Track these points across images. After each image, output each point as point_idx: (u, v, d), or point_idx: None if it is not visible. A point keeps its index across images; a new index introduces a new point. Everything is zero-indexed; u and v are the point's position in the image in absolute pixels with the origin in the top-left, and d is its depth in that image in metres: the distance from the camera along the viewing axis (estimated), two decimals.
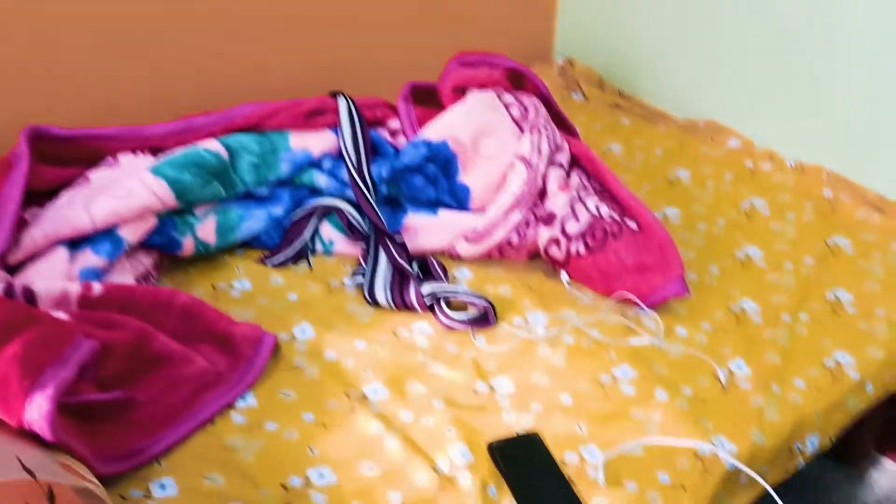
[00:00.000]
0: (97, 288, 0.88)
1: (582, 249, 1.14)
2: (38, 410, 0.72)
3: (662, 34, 1.62)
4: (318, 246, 1.22)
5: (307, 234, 1.20)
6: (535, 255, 1.22)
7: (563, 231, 1.16)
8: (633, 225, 1.16)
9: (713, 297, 1.14)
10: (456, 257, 1.21)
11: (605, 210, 1.17)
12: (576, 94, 1.71)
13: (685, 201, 1.37)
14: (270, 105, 1.23)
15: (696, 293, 1.15)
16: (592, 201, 1.19)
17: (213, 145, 1.15)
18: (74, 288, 0.87)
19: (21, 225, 0.99)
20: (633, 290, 1.11)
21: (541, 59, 1.81)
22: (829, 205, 1.35)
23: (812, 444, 0.98)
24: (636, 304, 1.10)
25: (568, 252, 1.15)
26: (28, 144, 1.02)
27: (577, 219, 1.16)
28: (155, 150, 1.17)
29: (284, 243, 1.20)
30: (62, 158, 1.10)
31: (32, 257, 0.96)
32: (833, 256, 1.24)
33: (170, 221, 1.11)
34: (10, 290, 0.84)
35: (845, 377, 1.02)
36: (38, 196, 1.06)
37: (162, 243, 1.10)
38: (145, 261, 1.10)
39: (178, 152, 1.13)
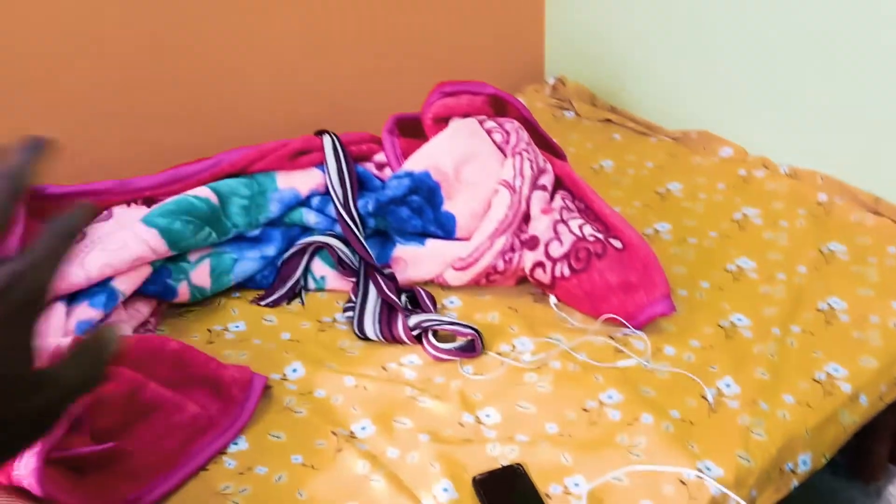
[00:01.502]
0: None
1: (567, 271, 1.15)
2: (26, 466, 0.75)
3: (651, 46, 1.61)
4: (311, 283, 1.24)
5: (299, 272, 1.23)
6: (523, 280, 1.23)
7: (548, 254, 1.16)
8: (617, 244, 1.16)
9: (703, 314, 1.14)
10: (445, 286, 1.23)
11: (588, 230, 1.18)
12: (569, 113, 1.72)
13: (677, 215, 1.36)
14: (257, 148, 1.26)
15: (686, 310, 1.14)
16: (576, 222, 1.19)
17: (203, 192, 1.19)
18: (66, 343, 0.90)
19: None
20: (619, 310, 1.11)
21: (533, 80, 1.82)
22: (824, 210, 1.34)
23: (805, 463, 0.96)
24: (623, 324, 1.10)
25: (553, 275, 1.16)
26: (23, 205, 1.06)
27: (560, 241, 1.17)
28: (148, 201, 1.21)
29: (278, 283, 1.23)
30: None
31: None
32: (827, 263, 1.22)
33: (164, 269, 1.15)
34: None
35: (837, 390, 1.00)
36: None
37: (158, 291, 1.14)
38: (143, 309, 1.13)
39: (169, 201, 1.17)
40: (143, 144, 1.41)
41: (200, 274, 1.18)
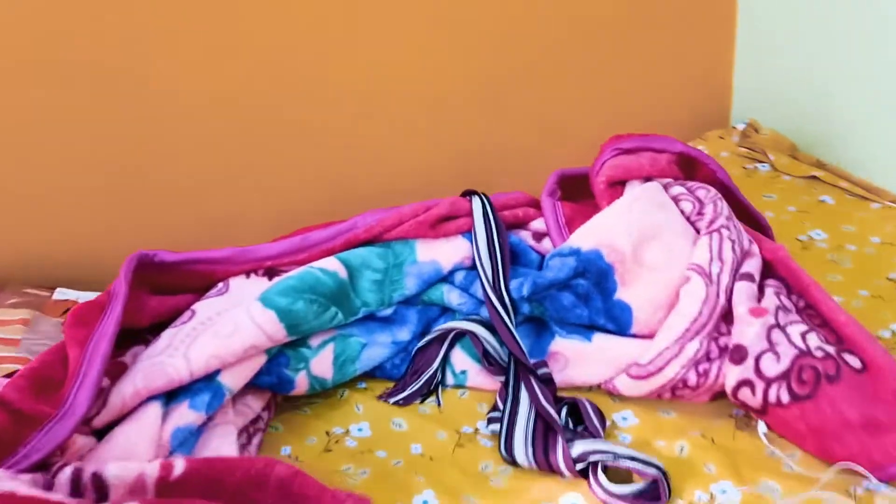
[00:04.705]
0: (179, 467, 0.75)
1: (785, 397, 0.87)
2: None
3: (872, 90, 1.31)
4: (450, 377, 1.03)
5: (436, 363, 1.03)
6: (719, 395, 0.96)
7: (759, 371, 0.89)
8: (855, 362, 0.88)
9: None
10: (616, 395, 0.98)
11: (814, 341, 0.90)
12: (763, 166, 1.43)
13: None
14: (396, 211, 1.07)
15: None
16: (796, 328, 0.91)
17: (331, 264, 1.01)
18: (152, 470, 0.74)
19: (119, 371, 0.89)
20: (859, 455, 0.83)
21: (716, 125, 1.55)
22: None
23: None
24: (865, 476, 0.82)
25: (765, 399, 0.88)
26: (128, 280, 0.92)
27: (776, 355, 0.89)
28: (270, 272, 1.05)
29: (410, 375, 1.03)
30: (170, 286, 1.01)
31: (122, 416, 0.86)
32: None
33: (282, 356, 0.98)
34: (77, 481, 0.72)
35: None
36: (144, 331, 0.97)
37: (272, 383, 0.97)
38: (254, 405, 0.97)
39: (292, 275, 1.00)
40: (270, 205, 1.27)
41: (322, 362, 1.00)
